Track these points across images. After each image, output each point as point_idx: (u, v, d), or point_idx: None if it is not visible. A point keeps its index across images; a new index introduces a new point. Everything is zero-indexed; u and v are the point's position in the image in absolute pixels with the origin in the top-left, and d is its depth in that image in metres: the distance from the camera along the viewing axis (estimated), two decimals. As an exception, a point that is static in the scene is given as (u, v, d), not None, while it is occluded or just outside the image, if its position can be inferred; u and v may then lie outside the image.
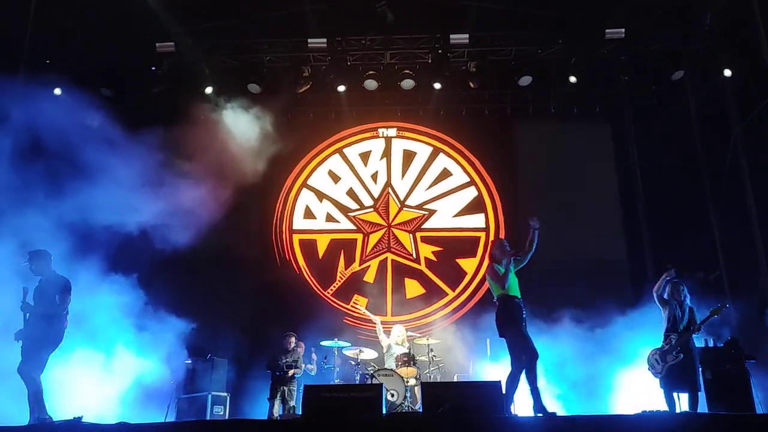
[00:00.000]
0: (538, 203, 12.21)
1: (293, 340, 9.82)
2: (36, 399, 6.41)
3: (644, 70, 11.97)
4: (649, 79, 12.07)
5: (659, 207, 11.90)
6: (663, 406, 7.19)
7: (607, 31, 11.61)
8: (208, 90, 12.12)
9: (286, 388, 9.33)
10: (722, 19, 11.56)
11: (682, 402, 7.33)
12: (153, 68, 12.16)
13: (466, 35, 11.83)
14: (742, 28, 10.91)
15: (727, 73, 11.33)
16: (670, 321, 7.26)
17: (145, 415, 8.99)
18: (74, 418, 6.08)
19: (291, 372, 9.39)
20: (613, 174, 12.48)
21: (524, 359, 6.39)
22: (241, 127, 12.17)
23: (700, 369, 7.23)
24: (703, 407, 7.46)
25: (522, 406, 8.94)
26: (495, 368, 9.27)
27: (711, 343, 8.64)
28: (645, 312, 9.14)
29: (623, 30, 11.58)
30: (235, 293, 11.48)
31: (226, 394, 9.54)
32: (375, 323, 10.32)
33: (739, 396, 7.78)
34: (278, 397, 9.21)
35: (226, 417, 9.29)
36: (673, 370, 7.08)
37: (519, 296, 6.70)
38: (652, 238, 11.94)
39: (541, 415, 6.17)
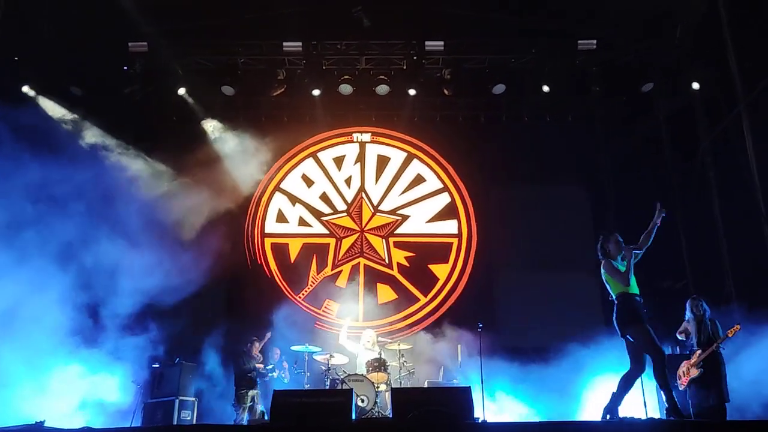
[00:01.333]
0: (510, 211, 12.34)
1: (258, 345, 9.74)
2: None
3: (615, 81, 12.19)
4: (620, 90, 12.30)
5: (629, 215, 12.05)
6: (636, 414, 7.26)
7: (579, 42, 11.82)
8: (181, 91, 12.01)
9: (251, 394, 9.23)
10: (692, 34, 11.81)
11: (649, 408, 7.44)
12: (125, 68, 12.01)
13: (441, 42, 11.92)
14: (711, 43, 11.14)
15: (696, 86, 11.57)
16: (695, 336, 7.40)
17: (111, 421, 8.85)
18: (36, 422, 5.95)
19: (264, 377, 9.34)
20: (585, 182, 12.63)
21: (646, 360, 5.99)
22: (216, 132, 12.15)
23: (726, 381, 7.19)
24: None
25: (491, 411, 9.04)
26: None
27: (678, 351, 8.80)
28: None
29: (595, 41, 11.79)
30: (204, 296, 11.35)
31: (194, 398, 9.42)
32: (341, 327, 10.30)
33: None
34: (246, 403, 9.11)
35: (194, 422, 9.17)
36: (697, 383, 7.20)
37: (638, 293, 6.26)
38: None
39: (672, 418, 5.75)
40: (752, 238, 10.06)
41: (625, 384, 6.05)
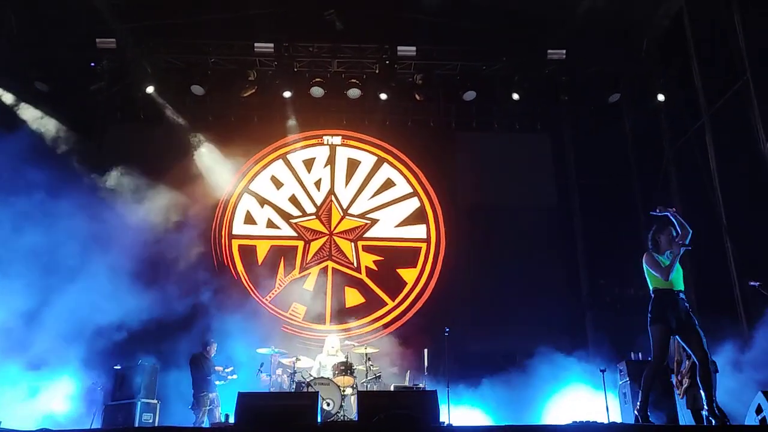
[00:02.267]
0: (479, 216, 12.43)
1: (215, 347, 9.62)
2: None
3: (583, 91, 12.41)
4: (588, 99, 12.52)
5: (595, 223, 12.27)
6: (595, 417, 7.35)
7: (549, 51, 11.99)
8: (150, 89, 11.84)
9: (211, 396, 9.10)
10: (658, 46, 12.08)
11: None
12: (92, 64, 11.80)
13: (414, 48, 11.99)
14: (677, 56, 11.42)
15: (661, 97, 11.83)
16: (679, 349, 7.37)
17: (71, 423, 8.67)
18: (-9, 424, 5.78)
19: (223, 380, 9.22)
20: (552, 189, 12.79)
21: (660, 360, 5.93)
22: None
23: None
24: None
25: (456, 415, 9.08)
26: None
27: (641, 357, 8.93)
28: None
29: (564, 51, 11.98)
30: (169, 298, 11.17)
31: (156, 401, 9.24)
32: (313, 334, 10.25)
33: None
34: (206, 406, 8.98)
35: (156, 425, 9.00)
36: (689, 392, 7.20)
37: (678, 288, 6.02)
38: (587, 253, 12.29)
39: (712, 419, 5.65)
40: (713, 249, 10.29)
41: (647, 380, 5.97)
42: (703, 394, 5.79)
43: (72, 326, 9.45)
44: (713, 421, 5.61)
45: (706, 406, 5.74)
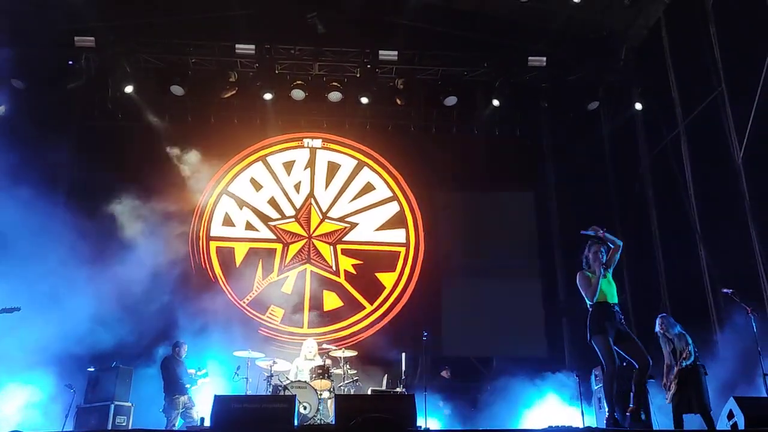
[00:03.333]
0: (458, 221, 12.50)
1: (185, 348, 9.52)
2: None
3: (563, 99, 12.55)
4: (568, 107, 12.66)
5: (572, 227, 12.33)
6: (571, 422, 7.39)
7: (529, 58, 12.11)
8: (129, 89, 11.73)
9: (182, 399, 9.01)
10: (636, 55, 12.26)
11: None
12: (70, 62, 11.65)
13: (395, 52, 12.03)
14: (654, 66, 11.59)
15: (638, 106, 11.99)
16: (669, 354, 7.35)
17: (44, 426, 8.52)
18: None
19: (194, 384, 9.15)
20: (530, 195, 12.91)
21: (612, 366, 6.07)
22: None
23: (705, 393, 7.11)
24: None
25: (433, 419, 9.10)
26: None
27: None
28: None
29: (545, 58, 12.10)
30: (145, 299, 11.05)
31: (130, 404, 9.12)
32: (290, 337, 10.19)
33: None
34: (178, 409, 8.89)
35: (129, 428, 8.88)
36: (678, 396, 7.15)
37: (613, 302, 6.32)
38: (564, 259, 12.39)
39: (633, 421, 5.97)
40: (688, 256, 10.44)
41: (606, 388, 6.19)
42: (631, 396, 6.03)
43: (46, 330, 9.28)
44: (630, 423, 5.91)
45: (607, 414, 6.02)
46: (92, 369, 9.22)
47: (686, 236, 10.54)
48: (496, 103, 12.25)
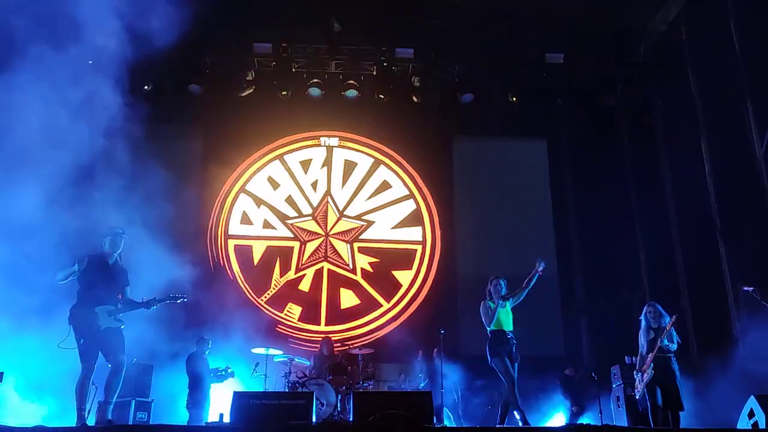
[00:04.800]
0: (475, 219, 12.48)
1: (210, 345, 9.60)
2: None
3: (580, 95, 12.46)
4: (585, 103, 12.56)
5: (590, 227, 12.30)
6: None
7: (546, 55, 12.04)
8: (146, 88, 11.80)
9: (207, 395, 9.09)
10: (654, 50, 12.15)
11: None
12: (90, 62, 11.74)
13: (412, 50, 12.02)
14: (673, 61, 11.49)
15: (657, 102, 11.88)
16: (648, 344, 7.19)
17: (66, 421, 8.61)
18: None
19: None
20: (548, 192, 12.84)
21: (511, 383, 7.13)
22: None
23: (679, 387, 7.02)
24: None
25: (450, 416, 9.10)
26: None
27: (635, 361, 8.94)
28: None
29: (562, 55, 12.03)
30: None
31: (150, 399, 9.23)
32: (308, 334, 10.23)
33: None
34: (201, 404, 8.97)
35: (150, 423, 8.98)
36: (651, 386, 6.98)
37: (508, 329, 7.42)
38: (582, 257, 12.33)
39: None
40: (707, 253, 10.34)
41: (503, 404, 7.23)
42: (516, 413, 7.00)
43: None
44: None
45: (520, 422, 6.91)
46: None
47: (706, 233, 10.45)
48: (512, 100, 12.20)
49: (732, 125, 9.84)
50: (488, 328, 7.39)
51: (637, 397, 7.33)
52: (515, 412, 7.02)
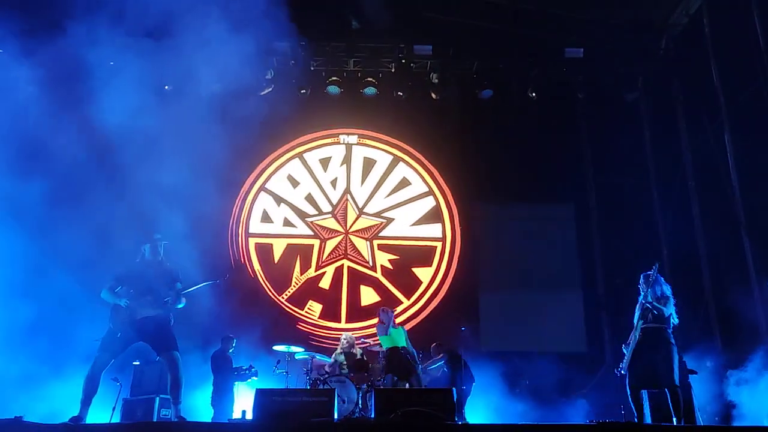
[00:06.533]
0: (494, 216, 12.44)
1: (234, 343, 9.67)
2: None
3: (601, 90, 12.33)
4: (605, 98, 12.43)
5: (612, 222, 12.20)
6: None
7: (566, 49, 11.93)
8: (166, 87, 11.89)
9: (231, 392, 9.17)
10: (676, 44, 11.99)
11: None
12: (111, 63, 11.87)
13: (430, 46, 11.98)
14: (695, 54, 11.33)
15: (679, 96, 11.73)
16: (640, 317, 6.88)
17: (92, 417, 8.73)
18: (14, 417, 5.85)
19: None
20: (569, 187, 12.75)
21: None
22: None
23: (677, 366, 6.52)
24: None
25: (472, 413, 9.11)
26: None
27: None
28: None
29: (582, 50, 11.92)
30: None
31: (174, 397, 9.32)
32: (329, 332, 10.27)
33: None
34: (226, 401, 9.05)
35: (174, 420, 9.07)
36: (638, 365, 6.64)
37: (403, 345, 8.69)
38: (603, 253, 12.25)
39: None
40: (732, 248, 10.21)
41: None
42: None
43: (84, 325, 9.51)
44: None
45: None
46: (137, 363, 9.44)
47: (730, 228, 10.31)
48: (532, 95, 12.13)
49: (755, 119, 9.68)
50: (383, 347, 8.86)
51: (623, 372, 6.86)
52: None
